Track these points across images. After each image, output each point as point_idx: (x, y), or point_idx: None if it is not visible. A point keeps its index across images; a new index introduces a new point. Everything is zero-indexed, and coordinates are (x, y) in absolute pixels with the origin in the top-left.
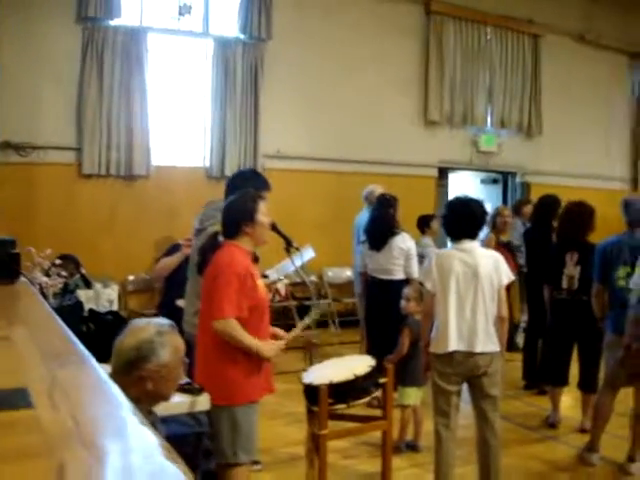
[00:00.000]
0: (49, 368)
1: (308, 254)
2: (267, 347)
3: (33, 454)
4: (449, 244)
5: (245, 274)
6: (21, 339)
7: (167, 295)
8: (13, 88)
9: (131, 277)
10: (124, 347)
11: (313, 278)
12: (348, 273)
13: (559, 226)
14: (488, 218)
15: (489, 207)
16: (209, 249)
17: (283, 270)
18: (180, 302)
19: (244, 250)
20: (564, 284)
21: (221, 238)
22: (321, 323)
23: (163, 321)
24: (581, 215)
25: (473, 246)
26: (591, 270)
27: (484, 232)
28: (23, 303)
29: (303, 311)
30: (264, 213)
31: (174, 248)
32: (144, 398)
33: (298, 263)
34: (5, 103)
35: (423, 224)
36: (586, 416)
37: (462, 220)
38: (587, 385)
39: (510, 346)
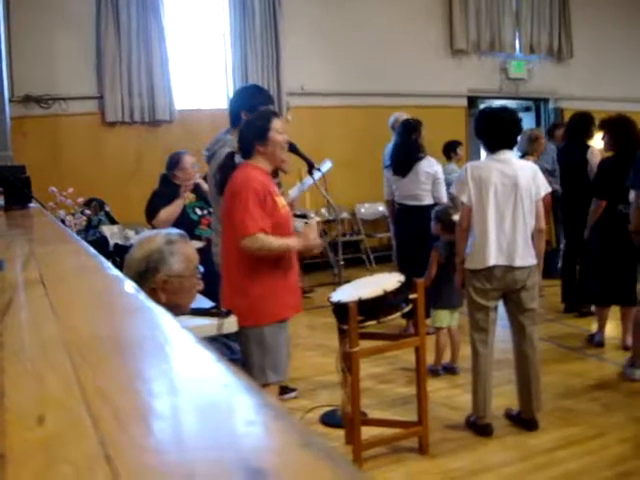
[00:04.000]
0: (31, 247)
1: (326, 166)
2: (301, 241)
3: None
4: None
5: (264, 192)
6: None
7: None
8: (28, 41)
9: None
10: (133, 259)
11: (345, 215)
12: (380, 208)
13: (613, 139)
14: (520, 143)
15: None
16: (227, 168)
17: (303, 186)
18: (192, 243)
19: (261, 169)
20: (631, 198)
21: (239, 159)
22: (355, 259)
23: (172, 230)
24: (632, 126)
25: (511, 156)
26: None
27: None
28: (36, 221)
29: (336, 248)
30: (279, 131)
31: (159, 196)
32: None
33: (317, 176)
34: (22, 57)
35: (449, 150)
36: (628, 332)
37: (499, 128)
38: (626, 298)
39: (552, 271)
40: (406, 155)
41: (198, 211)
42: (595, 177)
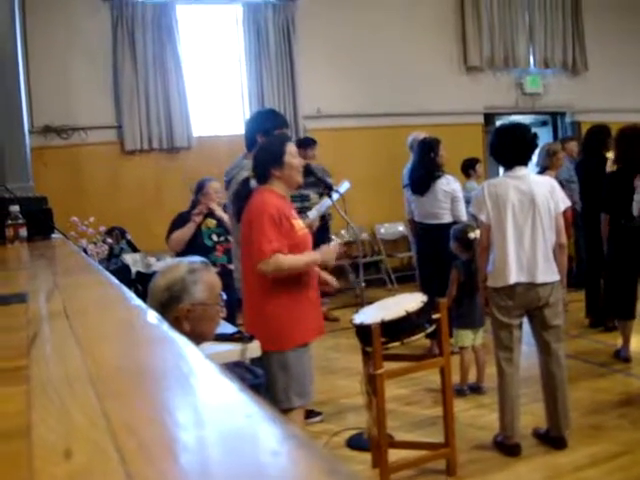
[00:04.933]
0: (54, 279)
1: (344, 186)
2: (321, 253)
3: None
4: (501, 173)
5: (279, 215)
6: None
7: None
8: (47, 72)
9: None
10: (156, 289)
11: (365, 235)
12: (400, 228)
13: (618, 152)
14: (538, 158)
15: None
16: (242, 196)
17: (322, 207)
18: None
19: (277, 194)
20: (635, 211)
21: (254, 184)
22: (377, 280)
23: (195, 259)
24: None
25: (527, 173)
26: None
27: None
28: (58, 252)
29: (357, 269)
30: (293, 155)
31: (181, 218)
32: None
33: (336, 197)
34: (40, 88)
35: (468, 168)
36: None
37: (513, 146)
38: None
39: (575, 285)
40: (424, 174)
41: (214, 237)
42: (602, 191)
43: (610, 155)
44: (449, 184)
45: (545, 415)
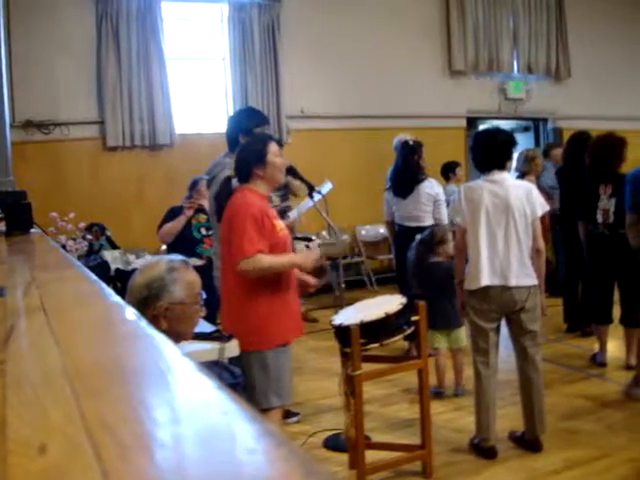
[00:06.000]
0: (32, 274)
1: (326, 187)
2: (301, 257)
3: None
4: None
5: (261, 215)
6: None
7: None
8: (29, 67)
9: (164, 247)
10: (135, 286)
11: (346, 237)
12: (381, 230)
13: (590, 160)
14: (517, 163)
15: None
16: (224, 195)
17: (302, 209)
18: (192, 261)
19: (258, 193)
20: (599, 218)
21: (235, 183)
22: (357, 282)
23: (175, 257)
24: (612, 146)
25: (503, 177)
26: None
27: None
28: (37, 247)
29: (337, 270)
30: (276, 154)
31: (172, 212)
32: None
33: (317, 198)
34: (23, 82)
35: (448, 171)
36: (631, 352)
37: (490, 150)
38: (630, 319)
39: (553, 290)
40: (407, 177)
41: (203, 231)
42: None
43: None
44: (432, 187)
45: (521, 418)
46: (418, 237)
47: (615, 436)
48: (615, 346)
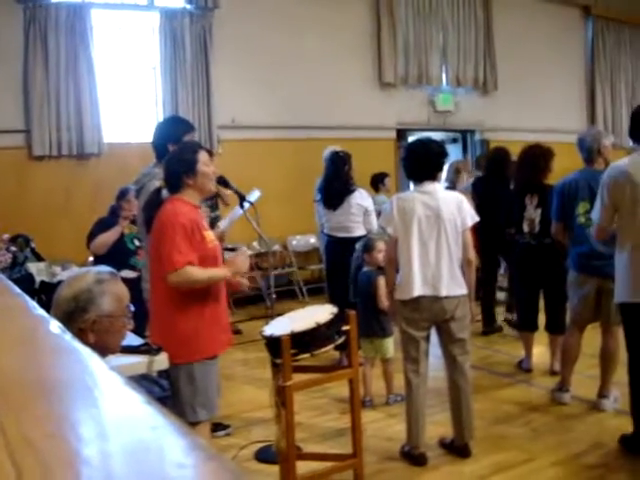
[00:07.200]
0: None
1: (254, 195)
2: (231, 268)
3: None
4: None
5: (191, 226)
6: None
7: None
8: None
9: (91, 258)
10: (61, 299)
11: (277, 247)
12: (312, 240)
13: (517, 170)
14: (447, 174)
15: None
16: (154, 205)
17: (232, 218)
18: (124, 273)
19: (189, 203)
20: (525, 228)
21: (166, 194)
22: (288, 292)
23: (103, 269)
24: (538, 157)
25: (435, 188)
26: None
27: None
28: None
29: (268, 280)
30: (206, 163)
31: (101, 223)
32: None
33: (246, 206)
34: None
35: (377, 182)
36: (555, 357)
37: (421, 161)
38: (554, 326)
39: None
40: (338, 188)
41: (136, 242)
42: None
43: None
44: (363, 198)
45: (451, 425)
46: (358, 246)
47: (541, 440)
48: (540, 352)
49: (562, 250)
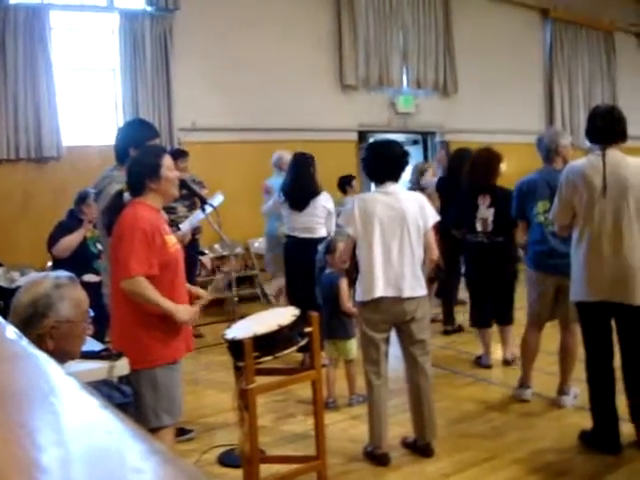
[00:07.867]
0: None
1: (217, 199)
2: (181, 310)
3: None
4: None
5: (152, 230)
6: None
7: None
8: None
9: (50, 263)
10: (19, 304)
11: (239, 250)
12: None
13: (469, 171)
14: (411, 176)
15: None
16: (115, 208)
17: (194, 220)
18: (87, 277)
19: (151, 207)
20: (478, 227)
21: (127, 197)
22: (250, 295)
23: (62, 273)
24: (490, 160)
25: (397, 189)
26: (504, 212)
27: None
28: None
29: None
30: (169, 168)
31: (62, 227)
32: None
33: (208, 210)
34: None
35: (344, 184)
36: (506, 347)
37: (384, 162)
38: (503, 318)
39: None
40: (305, 190)
41: (99, 245)
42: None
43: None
44: (328, 200)
45: (412, 425)
46: (321, 247)
47: (502, 437)
48: (498, 348)
49: (520, 248)
